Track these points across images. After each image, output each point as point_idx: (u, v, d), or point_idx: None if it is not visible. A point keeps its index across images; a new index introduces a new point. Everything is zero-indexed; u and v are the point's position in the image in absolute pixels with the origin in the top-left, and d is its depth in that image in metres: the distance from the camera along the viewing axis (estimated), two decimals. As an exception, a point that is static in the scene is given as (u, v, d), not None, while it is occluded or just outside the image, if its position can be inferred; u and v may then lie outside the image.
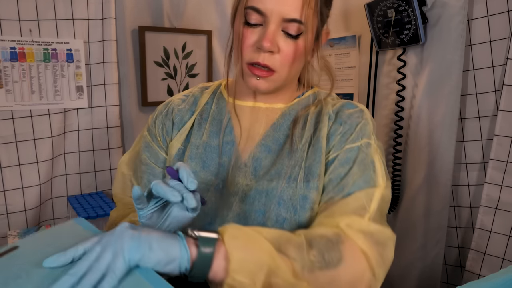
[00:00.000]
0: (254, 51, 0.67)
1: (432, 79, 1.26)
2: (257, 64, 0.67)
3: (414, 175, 1.34)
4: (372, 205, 0.65)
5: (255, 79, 0.69)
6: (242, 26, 0.67)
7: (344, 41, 1.57)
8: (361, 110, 0.74)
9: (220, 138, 0.75)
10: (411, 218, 1.36)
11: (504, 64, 1.11)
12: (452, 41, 1.19)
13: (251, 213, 0.70)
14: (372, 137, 0.72)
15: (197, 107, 0.80)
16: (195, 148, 0.75)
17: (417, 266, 1.35)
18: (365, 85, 1.49)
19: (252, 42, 0.67)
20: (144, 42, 1.56)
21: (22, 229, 1.32)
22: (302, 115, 0.75)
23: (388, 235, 0.65)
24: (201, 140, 0.76)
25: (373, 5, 1.33)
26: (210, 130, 0.76)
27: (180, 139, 0.77)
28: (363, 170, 0.68)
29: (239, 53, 0.69)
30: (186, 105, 0.80)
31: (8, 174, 1.34)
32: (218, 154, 0.74)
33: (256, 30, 0.67)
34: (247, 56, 0.68)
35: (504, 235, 1.14)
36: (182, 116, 0.79)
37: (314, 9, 0.66)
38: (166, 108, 0.81)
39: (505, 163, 1.12)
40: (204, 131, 0.76)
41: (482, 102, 1.19)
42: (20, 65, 1.33)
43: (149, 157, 0.80)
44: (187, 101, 0.81)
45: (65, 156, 1.46)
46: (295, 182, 0.69)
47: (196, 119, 0.78)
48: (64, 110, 1.41)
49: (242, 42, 0.68)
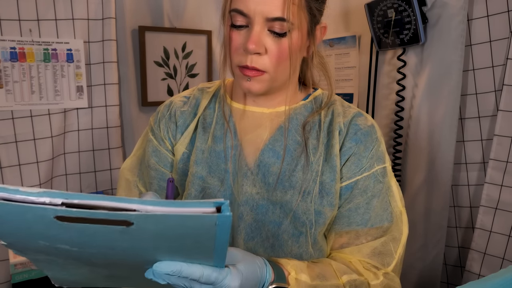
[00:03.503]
0: (241, 54, 0.66)
1: (432, 79, 1.26)
2: (245, 66, 0.66)
3: (414, 175, 1.34)
4: (399, 251, 0.71)
5: (246, 80, 0.67)
6: (229, 29, 0.67)
7: (344, 41, 1.57)
8: (373, 126, 0.73)
9: (224, 143, 0.73)
10: (411, 218, 1.36)
11: (504, 64, 1.12)
12: (452, 41, 1.19)
13: (265, 224, 0.69)
14: (386, 158, 0.73)
15: (199, 109, 0.77)
16: (201, 153, 0.73)
17: (417, 266, 1.35)
18: (365, 85, 1.49)
19: (238, 45, 0.66)
20: (144, 42, 1.56)
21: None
22: (311, 122, 0.73)
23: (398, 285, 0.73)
24: (206, 144, 0.74)
25: (373, 5, 1.33)
26: (214, 135, 0.74)
27: (184, 142, 0.75)
28: (382, 201, 0.71)
29: (228, 57, 0.68)
30: (188, 108, 0.78)
31: (8, 174, 1.34)
32: (223, 159, 0.72)
33: (242, 32, 0.66)
34: (236, 59, 0.67)
35: (504, 235, 1.14)
36: (185, 118, 0.77)
37: (298, 5, 0.64)
38: (168, 110, 0.78)
39: (505, 163, 1.12)
40: (209, 136, 0.74)
41: (482, 102, 1.19)
42: (20, 65, 1.33)
43: (158, 162, 0.77)
44: (189, 103, 0.78)
45: (65, 156, 1.46)
46: (309, 197, 0.69)
47: (199, 122, 0.76)
48: (64, 110, 1.41)
49: (230, 45, 0.67)
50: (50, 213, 0.38)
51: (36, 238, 0.43)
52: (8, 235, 0.44)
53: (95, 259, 0.49)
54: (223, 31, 0.70)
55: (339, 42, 1.59)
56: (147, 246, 0.45)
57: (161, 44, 1.60)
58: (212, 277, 0.49)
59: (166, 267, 0.47)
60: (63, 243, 0.43)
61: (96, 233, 0.41)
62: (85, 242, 0.43)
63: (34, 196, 0.39)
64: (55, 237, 0.42)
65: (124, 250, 0.45)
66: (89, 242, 0.43)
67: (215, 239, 0.43)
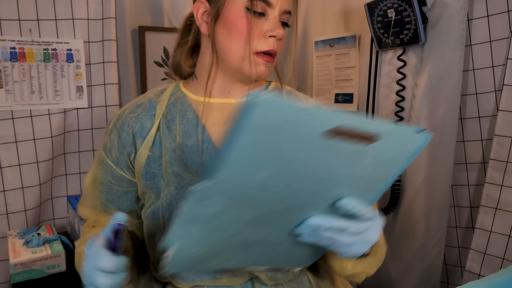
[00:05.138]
0: (263, 40, 0.69)
1: (432, 79, 1.26)
2: (268, 52, 0.69)
3: (414, 175, 1.34)
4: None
5: (264, 66, 0.70)
6: (246, 16, 0.67)
7: (344, 41, 1.57)
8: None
9: (199, 137, 0.72)
10: (411, 218, 1.36)
11: (504, 64, 1.12)
12: (452, 41, 1.19)
13: None
14: None
15: (157, 110, 0.75)
16: (173, 152, 0.72)
17: (417, 266, 1.35)
18: (365, 85, 1.49)
19: (260, 31, 0.69)
20: (144, 42, 1.56)
21: (22, 229, 1.32)
22: None
23: None
24: (175, 143, 0.72)
25: (373, 5, 1.33)
26: (182, 131, 0.73)
27: (147, 146, 0.73)
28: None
29: (245, 43, 0.68)
30: (142, 111, 0.75)
31: (8, 174, 1.34)
32: (199, 154, 0.72)
33: (261, 20, 0.69)
34: (258, 44, 0.68)
35: (504, 235, 1.14)
36: (142, 122, 0.74)
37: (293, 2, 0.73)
38: (120, 119, 0.76)
39: (505, 163, 1.12)
40: (176, 133, 0.73)
41: (482, 102, 1.19)
42: (20, 65, 1.33)
43: (104, 175, 0.77)
44: (143, 107, 0.76)
45: (65, 156, 1.46)
46: None
47: (161, 123, 0.74)
48: (64, 110, 1.41)
49: (252, 31, 0.68)
50: (323, 126, 0.42)
51: (273, 163, 0.44)
52: (248, 161, 0.43)
53: (275, 204, 0.51)
54: (211, 27, 0.70)
55: (339, 42, 1.59)
56: (349, 175, 0.51)
57: (161, 44, 1.60)
58: (362, 227, 0.55)
59: (323, 221, 0.54)
60: (296, 167, 0.46)
61: (339, 152, 0.46)
62: (319, 163, 0.47)
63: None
64: (295, 157, 0.44)
65: (331, 181, 0.50)
66: (322, 163, 0.47)
67: (408, 159, 0.52)
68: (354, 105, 1.55)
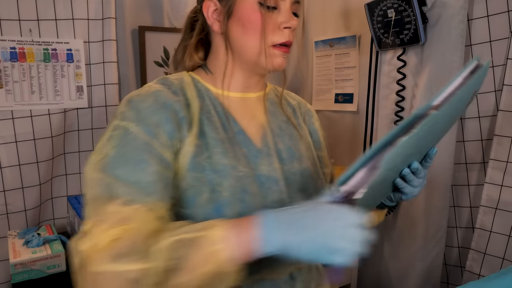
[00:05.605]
0: (278, 33, 0.70)
1: (432, 79, 1.25)
2: (285, 44, 0.70)
3: (414, 175, 1.34)
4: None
5: (283, 57, 0.71)
6: (259, 11, 0.68)
7: (344, 41, 1.57)
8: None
9: (232, 130, 0.71)
10: (411, 218, 1.36)
11: (504, 64, 1.12)
12: (452, 41, 1.19)
13: (292, 195, 0.72)
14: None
15: (190, 99, 0.71)
16: (222, 143, 0.68)
17: (417, 266, 1.35)
18: (365, 85, 1.49)
19: (275, 24, 0.70)
20: (144, 42, 1.56)
21: (22, 229, 1.32)
22: (279, 103, 0.82)
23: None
24: (219, 134, 0.69)
25: (373, 5, 1.33)
26: (220, 123, 0.71)
27: (194, 134, 0.67)
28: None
29: (261, 38, 0.69)
30: (181, 97, 0.70)
31: (8, 174, 1.34)
32: (239, 145, 0.70)
33: (274, 13, 0.70)
34: (274, 37, 0.70)
35: (504, 235, 1.14)
36: (184, 109, 0.69)
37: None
38: (161, 98, 0.68)
39: (505, 163, 1.12)
40: (218, 124, 0.70)
41: (482, 102, 1.19)
42: (20, 65, 1.33)
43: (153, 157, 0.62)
44: (181, 94, 0.71)
45: (65, 156, 1.46)
46: (312, 160, 0.80)
47: (201, 112, 0.70)
48: (64, 110, 1.41)
49: (266, 25, 0.69)
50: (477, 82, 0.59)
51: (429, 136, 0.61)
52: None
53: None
54: (224, 23, 0.70)
55: (339, 42, 1.59)
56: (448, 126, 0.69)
57: (161, 44, 1.60)
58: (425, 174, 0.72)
59: (418, 165, 0.68)
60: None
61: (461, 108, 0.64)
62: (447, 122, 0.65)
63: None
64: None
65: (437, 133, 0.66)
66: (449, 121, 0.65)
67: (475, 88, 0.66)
68: (354, 105, 1.55)
